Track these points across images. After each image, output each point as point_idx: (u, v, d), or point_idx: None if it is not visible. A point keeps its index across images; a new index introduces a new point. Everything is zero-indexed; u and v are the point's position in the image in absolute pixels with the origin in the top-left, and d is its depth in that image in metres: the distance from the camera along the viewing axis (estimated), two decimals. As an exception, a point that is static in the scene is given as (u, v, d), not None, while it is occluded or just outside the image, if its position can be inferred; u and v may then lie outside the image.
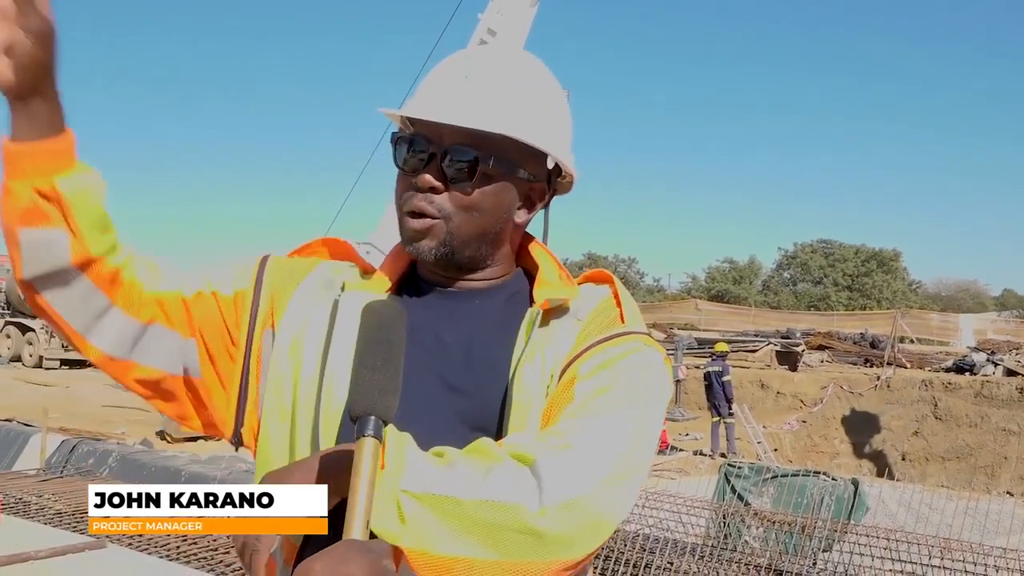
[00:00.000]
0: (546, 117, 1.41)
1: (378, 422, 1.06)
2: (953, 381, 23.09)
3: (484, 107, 1.34)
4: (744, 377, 24.04)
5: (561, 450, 1.18)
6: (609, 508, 1.18)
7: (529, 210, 1.45)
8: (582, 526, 1.15)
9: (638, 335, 1.37)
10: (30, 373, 24.50)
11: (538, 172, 1.42)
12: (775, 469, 9.88)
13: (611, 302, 1.43)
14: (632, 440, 1.24)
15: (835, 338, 30.40)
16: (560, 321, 1.38)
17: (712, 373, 19.18)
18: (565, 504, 1.13)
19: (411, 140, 1.37)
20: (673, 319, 40.48)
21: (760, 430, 19.82)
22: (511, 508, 1.11)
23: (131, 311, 1.35)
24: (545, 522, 1.12)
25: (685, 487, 9.43)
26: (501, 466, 1.15)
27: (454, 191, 1.34)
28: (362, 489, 1.01)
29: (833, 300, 56.13)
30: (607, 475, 1.18)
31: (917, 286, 62.29)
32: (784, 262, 64.25)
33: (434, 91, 1.38)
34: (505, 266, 1.46)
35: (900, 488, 10.03)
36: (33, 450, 10.24)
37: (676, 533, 7.73)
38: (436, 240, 1.35)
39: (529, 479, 1.14)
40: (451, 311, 1.41)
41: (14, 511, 7.17)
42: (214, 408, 1.42)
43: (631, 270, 68.27)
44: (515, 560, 1.12)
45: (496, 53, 1.45)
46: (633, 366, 1.32)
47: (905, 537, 7.04)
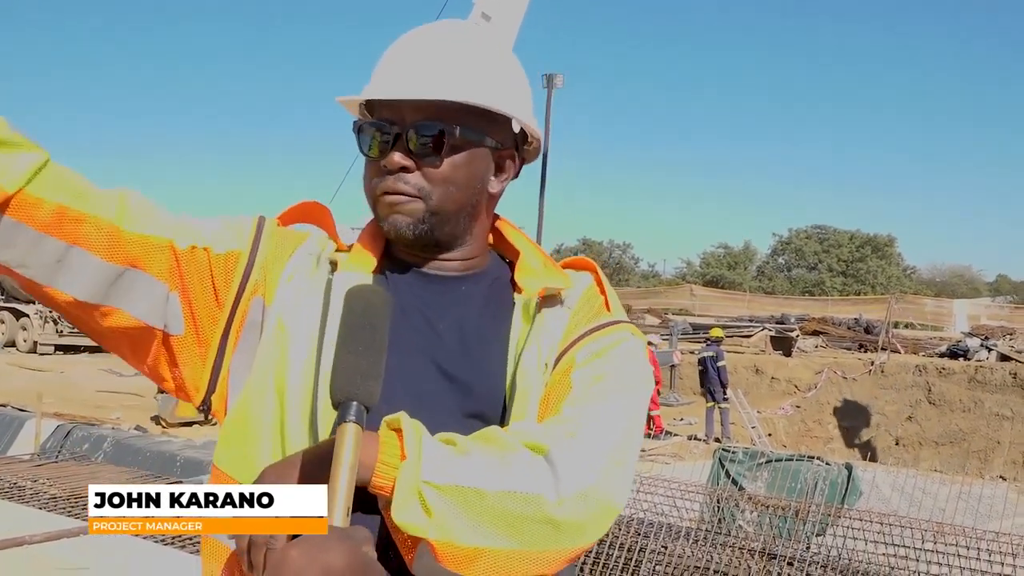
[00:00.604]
0: (505, 83, 1.39)
1: (360, 408, 1.05)
2: (947, 366, 23.17)
3: (442, 78, 1.32)
4: (739, 362, 24.09)
5: (569, 439, 1.19)
6: (617, 493, 1.21)
7: (500, 179, 1.43)
8: (595, 513, 1.17)
9: (625, 324, 1.40)
10: (24, 358, 24.46)
11: (505, 139, 1.40)
12: (769, 454, 9.91)
13: (595, 290, 1.44)
14: (628, 427, 1.27)
15: (829, 323, 30.47)
16: (551, 309, 1.38)
17: (707, 358, 19.20)
18: (580, 493, 1.15)
19: (373, 126, 1.35)
20: (668, 304, 40.57)
21: (754, 415, 19.86)
22: (533, 499, 1.12)
23: (101, 252, 1.23)
24: (563, 512, 1.14)
25: (679, 472, 9.45)
26: (517, 456, 1.15)
27: (425, 167, 1.32)
28: (343, 475, 1.01)
29: (828, 285, 56.22)
30: (612, 462, 1.21)
31: (911, 271, 62.45)
32: (779, 248, 64.34)
33: (388, 71, 1.36)
34: (481, 243, 1.44)
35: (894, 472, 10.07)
36: (28, 435, 10.25)
37: (670, 517, 7.75)
38: (415, 218, 1.33)
39: (546, 469, 1.15)
40: (438, 296, 1.39)
41: (9, 496, 7.17)
42: (186, 369, 1.35)
43: (626, 255, 68.34)
44: (535, 550, 1.14)
45: (446, 26, 1.41)
46: (623, 355, 1.35)
47: (898, 521, 7.07)
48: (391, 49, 1.38)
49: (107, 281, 1.25)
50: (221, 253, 1.34)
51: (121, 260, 1.25)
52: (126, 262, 1.26)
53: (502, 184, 1.43)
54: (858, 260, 58.67)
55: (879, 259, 58.83)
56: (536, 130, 1.44)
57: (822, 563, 6.89)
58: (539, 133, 1.46)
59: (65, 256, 1.21)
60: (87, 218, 1.22)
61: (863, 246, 59.40)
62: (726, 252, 64.43)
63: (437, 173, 1.33)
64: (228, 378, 1.34)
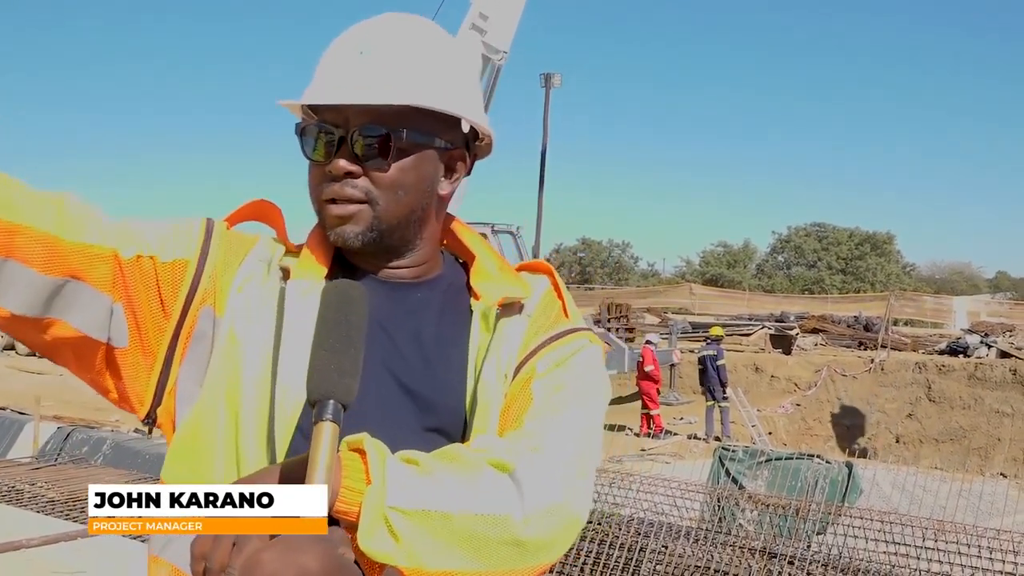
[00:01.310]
0: (452, 81, 1.34)
1: (337, 406, 1.03)
2: (947, 363, 23.19)
3: (385, 80, 1.27)
4: (738, 361, 24.10)
5: (533, 453, 1.18)
6: (581, 507, 1.20)
7: (451, 180, 1.38)
8: (561, 529, 1.16)
9: (583, 331, 1.38)
10: (24, 361, 24.45)
11: (455, 138, 1.35)
12: (769, 452, 9.92)
13: (552, 295, 1.42)
14: (589, 437, 1.27)
15: (829, 321, 30.48)
16: (509, 318, 1.35)
17: (707, 357, 19.21)
18: (545, 511, 1.14)
19: (317, 128, 1.30)
20: (667, 303, 40.56)
21: (754, 413, 19.89)
22: (500, 520, 1.11)
23: (37, 264, 1.17)
24: (529, 531, 1.12)
25: (680, 471, 9.47)
26: (483, 475, 1.13)
27: (371, 171, 1.27)
28: (319, 475, 0.99)
29: (827, 283, 56.25)
30: (575, 475, 1.20)
31: (911, 269, 62.50)
32: (778, 246, 64.37)
33: (331, 72, 1.30)
34: (432, 248, 1.40)
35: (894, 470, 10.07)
36: (27, 438, 10.26)
37: (671, 517, 7.76)
38: (363, 225, 1.28)
39: (511, 488, 1.13)
40: (393, 304, 1.34)
41: (7, 499, 7.17)
42: (131, 382, 1.30)
43: (625, 254, 68.31)
44: (502, 569, 1.12)
45: (389, 22, 1.35)
46: (583, 363, 1.34)
47: (899, 519, 7.08)
48: (332, 48, 1.33)
49: (46, 294, 1.19)
50: (167, 261, 1.28)
51: (60, 272, 1.19)
52: (66, 273, 1.19)
53: (452, 185, 1.38)
54: (857, 258, 58.70)
55: (878, 256, 58.87)
56: (487, 127, 1.40)
57: (823, 562, 6.89)
58: (491, 130, 1.41)
59: (1, 268, 1.15)
60: (20, 229, 1.15)
61: (862, 243, 59.44)
62: (725, 250, 64.47)
63: (384, 178, 1.28)
64: (175, 390, 1.29)
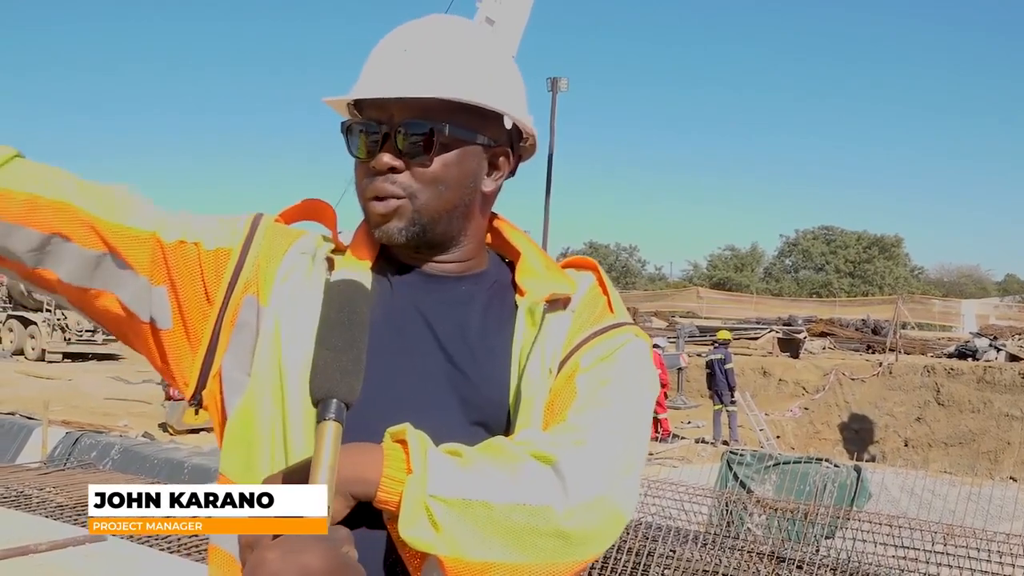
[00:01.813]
0: (495, 78, 1.36)
1: (340, 405, 1.03)
2: (955, 367, 23.10)
3: (429, 75, 1.29)
4: (746, 364, 24.05)
5: (577, 447, 1.17)
6: (626, 501, 1.19)
7: (494, 177, 1.40)
8: (604, 523, 1.15)
9: (629, 326, 1.37)
10: (32, 366, 24.54)
11: (498, 136, 1.37)
12: (777, 456, 9.90)
13: (597, 290, 1.41)
14: (635, 432, 1.26)
15: (837, 325, 30.45)
16: (554, 313, 1.35)
17: (714, 361, 19.19)
18: (589, 504, 1.13)
19: (362, 126, 1.32)
20: (675, 307, 40.58)
21: (762, 417, 19.85)
22: (542, 511, 1.10)
23: (79, 239, 1.25)
24: (572, 523, 1.11)
25: (687, 475, 9.44)
26: (525, 467, 1.13)
27: (414, 167, 1.29)
28: (323, 475, 0.99)
29: (835, 287, 56.21)
30: (620, 470, 1.19)
31: (919, 272, 62.37)
32: (786, 249, 64.36)
33: (375, 70, 1.33)
34: (477, 244, 1.41)
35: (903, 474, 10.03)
36: (35, 443, 10.28)
37: (679, 521, 7.74)
38: (404, 220, 1.30)
39: (554, 480, 1.13)
40: (439, 297, 1.36)
41: (15, 504, 7.19)
42: (176, 363, 1.33)
43: (632, 258, 68.42)
44: (544, 562, 1.12)
45: (433, 22, 1.38)
46: (628, 358, 1.32)
47: (908, 523, 7.05)
48: (378, 47, 1.35)
49: (89, 267, 1.26)
50: (211, 249, 1.32)
51: (99, 247, 1.26)
52: (105, 248, 1.26)
53: (496, 182, 1.40)
54: (865, 261, 58.63)
55: (886, 260, 58.78)
56: (530, 126, 1.42)
57: (831, 566, 6.86)
58: (534, 129, 1.43)
59: (45, 245, 1.23)
60: (62, 206, 1.24)
61: (870, 247, 59.37)
62: (733, 254, 64.49)
63: (427, 173, 1.29)
64: (220, 377, 1.31)
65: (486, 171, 1.38)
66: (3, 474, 8.54)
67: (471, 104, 1.30)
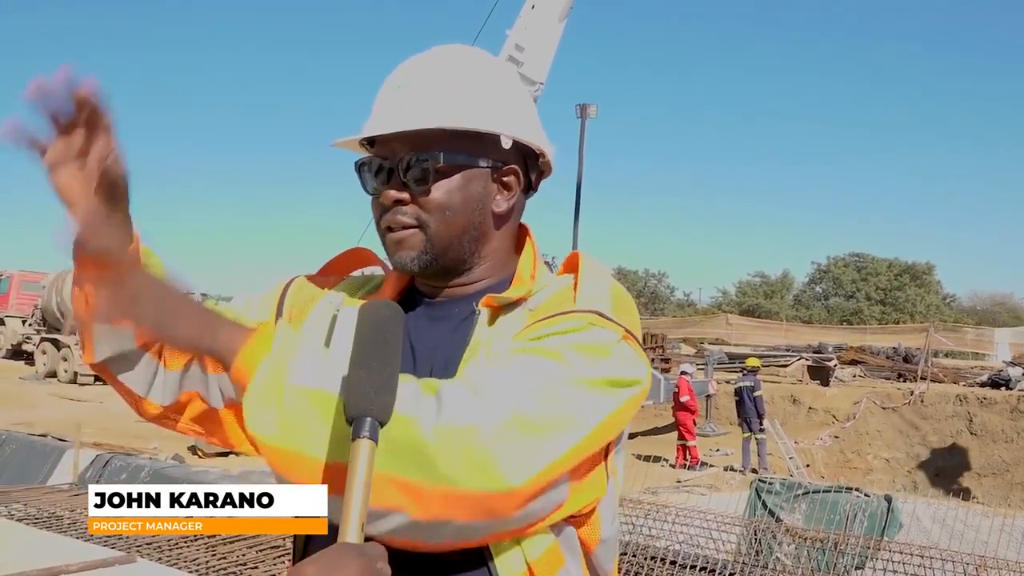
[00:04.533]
0: (492, 101, 1.39)
1: (374, 423, 1.04)
2: (988, 396, 22.78)
3: (422, 108, 1.34)
4: (776, 392, 23.85)
5: (464, 386, 1.14)
6: (505, 451, 1.09)
7: (507, 197, 1.42)
8: (468, 455, 1.08)
9: (583, 313, 1.26)
10: (65, 388, 24.72)
11: (503, 156, 1.39)
12: (807, 485, 9.80)
13: (568, 290, 1.34)
14: (547, 396, 1.15)
15: (868, 352, 30.13)
16: (510, 316, 1.35)
17: (743, 388, 19.04)
18: (459, 428, 1.08)
19: (369, 163, 1.39)
20: (704, 334, 40.32)
21: (792, 446, 19.65)
22: (405, 420, 1.07)
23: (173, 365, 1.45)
24: (433, 438, 1.07)
25: (716, 503, 9.38)
26: (405, 386, 1.10)
27: (419, 197, 1.35)
28: (357, 492, 1.00)
29: (866, 314, 55.71)
30: (508, 418, 1.11)
31: (951, 300, 61.69)
32: (816, 276, 63.90)
33: (378, 108, 1.39)
34: (495, 264, 1.44)
35: (934, 504, 9.90)
36: (67, 465, 10.34)
37: (707, 549, 7.69)
38: (416, 249, 1.36)
39: (430, 400, 1.11)
40: (428, 321, 1.41)
41: (47, 525, 7.24)
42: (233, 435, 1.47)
43: (661, 284, 68.24)
44: (402, 476, 1.07)
45: (430, 56, 1.42)
46: (569, 342, 1.21)
47: (940, 554, 6.96)
48: (382, 85, 1.42)
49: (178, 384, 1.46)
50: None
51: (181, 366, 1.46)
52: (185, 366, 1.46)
53: (509, 202, 1.42)
54: (896, 288, 58.10)
55: (918, 287, 58.24)
56: (538, 143, 1.44)
57: (862, 597, 6.78)
58: (546, 145, 1.46)
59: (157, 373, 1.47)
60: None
61: (902, 274, 58.85)
62: (762, 281, 64.13)
63: (430, 201, 1.35)
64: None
65: (496, 192, 1.41)
66: (35, 495, 8.63)
67: (463, 130, 1.34)
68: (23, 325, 29.39)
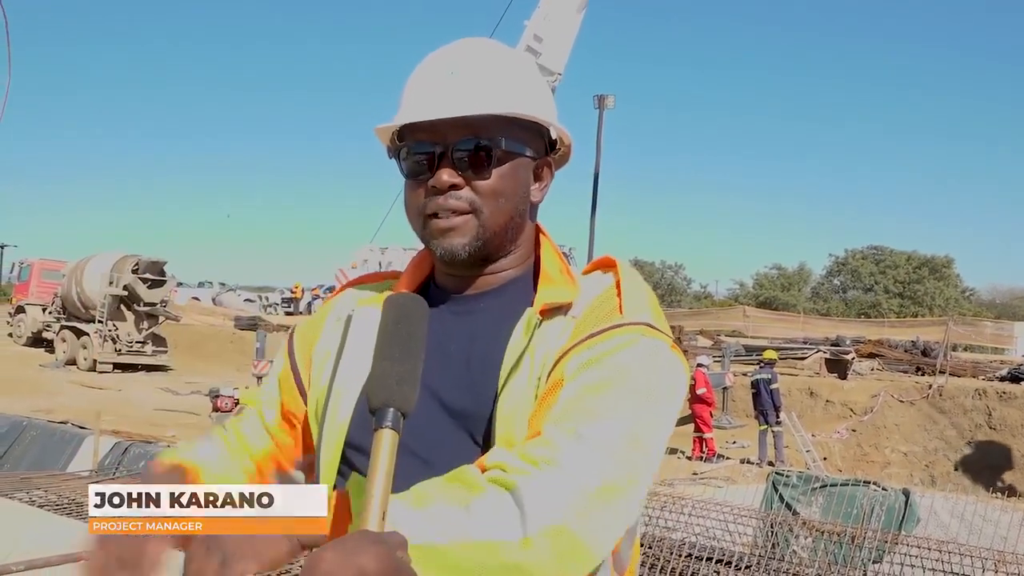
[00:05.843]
0: (536, 93, 1.41)
1: (396, 413, 1.05)
2: (1008, 390, 22.64)
3: (479, 94, 1.33)
4: (793, 385, 23.77)
5: (544, 468, 1.11)
6: (592, 535, 1.10)
7: (540, 187, 1.44)
8: (561, 558, 1.08)
9: (634, 326, 1.26)
10: (84, 376, 24.92)
11: (540, 147, 1.42)
12: (824, 478, 9.78)
13: (611, 293, 1.33)
14: (622, 450, 1.15)
15: (886, 346, 29.95)
16: (554, 321, 1.31)
17: (760, 381, 18.96)
18: (547, 532, 1.07)
19: (415, 148, 1.36)
20: (720, 326, 40.20)
21: (809, 439, 19.58)
22: (493, 547, 1.06)
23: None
24: (527, 555, 1.07)
25: (732, 496, 9.35)
26: (481, 499, 1.09)
27: (474, 182, 1.34)
28: (378, 482, 1.01)
29: (884, 307, 55.36)
30: (591, 497, 1.11)
31: (970, 293, 61.26)
32: (834, 269, 63.53)
33: (424, 93, 1.36)
34: (522, 253, 1.44)
35: (953, 499, 9.86)
36: (87, 452, 10.43)
37: (723, 542, 7.68)
38: (469, 236, 1.34)
39: (511, 509, 1.08)
40: (458, 317, 1.40)
41: (67, 512, 7.30)
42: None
43: (678, 276, 68.01)
44: None
45: (469, 45, 1.42)
46: (626, 361, 1.22)
47: (958, 549, 6.94)
48: (418, 72, 1.40)
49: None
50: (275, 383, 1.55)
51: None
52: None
53: (542, 192, 1.45)
54: (915, 281, 57.69)
55: (936, 280, 57.80)
56: (567, 135, 1.46)
57: (879, 591, 6.76)
58: (569, 139, 1.48)
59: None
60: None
61: (920, 267, 58.44)
62: (780, 273, 63.80)
63: (487, 186, 1.34)
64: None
65: (532, 182, 1.42)
66: (56, 482, 8.70)
67: (520, 118, 1.36)
68: (43, 313, 29.58)
